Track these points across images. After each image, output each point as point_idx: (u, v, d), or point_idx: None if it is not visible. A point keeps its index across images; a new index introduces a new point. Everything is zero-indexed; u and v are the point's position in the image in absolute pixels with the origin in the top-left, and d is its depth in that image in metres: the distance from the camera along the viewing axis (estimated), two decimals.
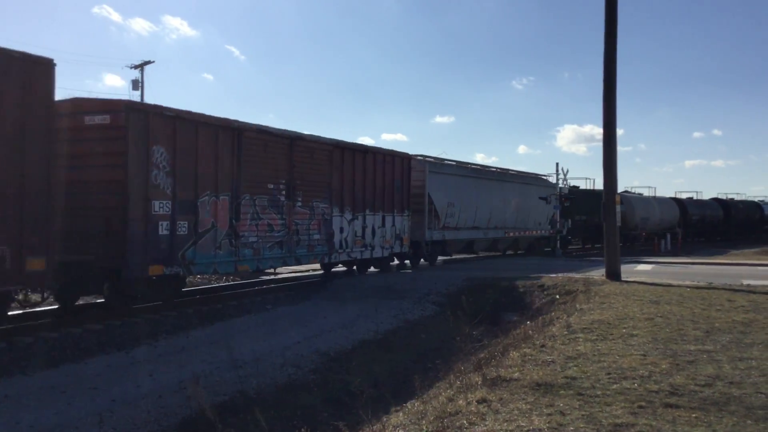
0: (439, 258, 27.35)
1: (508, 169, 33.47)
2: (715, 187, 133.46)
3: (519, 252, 34.41)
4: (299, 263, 18.66)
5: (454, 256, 29.49)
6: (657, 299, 13.78)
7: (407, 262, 24.99)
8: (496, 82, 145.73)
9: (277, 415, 8.62)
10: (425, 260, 25.64)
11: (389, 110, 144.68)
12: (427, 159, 25.71)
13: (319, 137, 18.78)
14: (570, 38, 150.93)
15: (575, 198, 36.15)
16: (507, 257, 32.43)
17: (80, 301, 14.22)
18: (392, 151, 22.83)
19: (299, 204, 17.80)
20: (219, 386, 9.79)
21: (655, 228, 44.59)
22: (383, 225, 21.94)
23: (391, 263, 23.55)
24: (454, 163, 28.41)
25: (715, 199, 60.63)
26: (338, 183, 19.45)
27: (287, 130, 17.48)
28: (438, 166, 26.54)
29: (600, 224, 30.45)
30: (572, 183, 39.30)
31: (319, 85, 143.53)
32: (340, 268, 22.44)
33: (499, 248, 32.27)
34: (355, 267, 22.19)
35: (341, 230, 19.66)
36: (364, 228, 20.85)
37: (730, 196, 65.69)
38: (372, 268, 22.73)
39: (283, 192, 17.19)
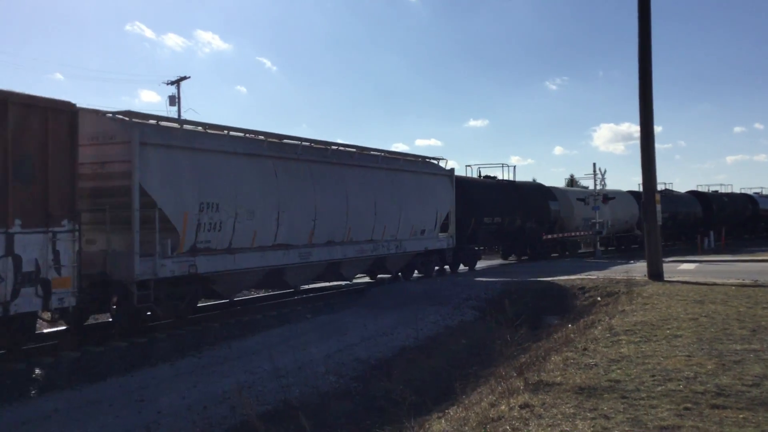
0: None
1: (354, 147, 20.29)
2: (759, 182, 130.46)
3: (386, 276, 22.67)
4: None
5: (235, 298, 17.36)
6: (701, 298, 13.54)
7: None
8: (529, 83, 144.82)
9: (320, 423, 8.67)
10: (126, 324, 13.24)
11: (422, 116, 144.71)
12: (144, 122, 13.96)
13: None
14: (603, 35, 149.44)
15: (490, 194, 27.89)
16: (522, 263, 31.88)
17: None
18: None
19: None
20: (262, 396, 9.89)
21: (609, 229, 36.48)
22: None
23: None
24: (222, 133, 15.44)
25: (693, 193, 50.05)
26: None
27: None
28: (170, 134, 14.05)
29: (517, 229, 28.68)
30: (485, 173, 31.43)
31: (350, 93, 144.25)
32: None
33: (344, 274, 19.33)
34: None
35: None
36: None
37: None
38: None
39: None
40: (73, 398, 9.69)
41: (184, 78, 45.59)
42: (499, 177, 30.89)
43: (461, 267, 26.02)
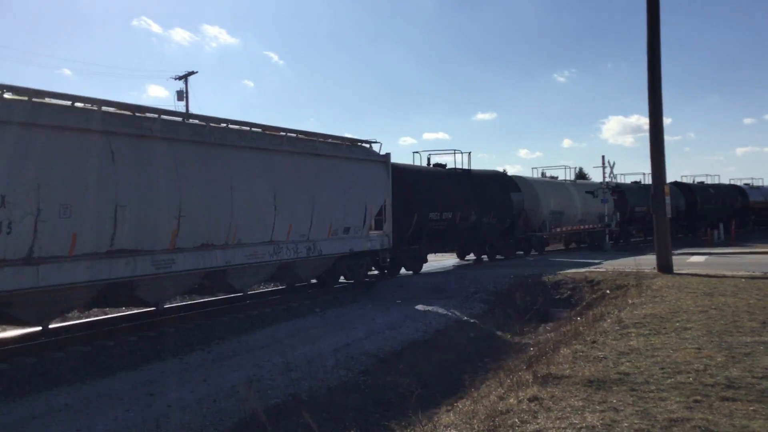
0: None
1: (250, 124, 15.68)
2: None
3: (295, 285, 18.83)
4: None
5: None
6: (711, 291, 13.49)
7: None
8: (537, 75, 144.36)
9: (329, 417, 8.70)
10: None
11: (430, 109, 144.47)
12: None
13: None
14: (611, 27, 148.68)
15: (437, 185, 24.06)
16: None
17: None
18: None
19: None
20: (271, 389, 9.93)
21: (577, 225, 33.38)
22: None
23: None
24: (11, 97, 10.68)
25: (676, 184, 44.72)
26: None
27: None
28: None
29: (472, 225, 24.49)
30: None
31: (358, 87, 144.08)
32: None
33: (235, 285, 15.17)
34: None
35: None
36: None
37: None
38: None
39: None
40: (84, 392, 9.74)
41: (192, 73, 45.72)
42: (452, 165, 26.27)
43: (403, 271, 22.68)
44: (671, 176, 47.00)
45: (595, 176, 43.04)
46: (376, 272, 21.35)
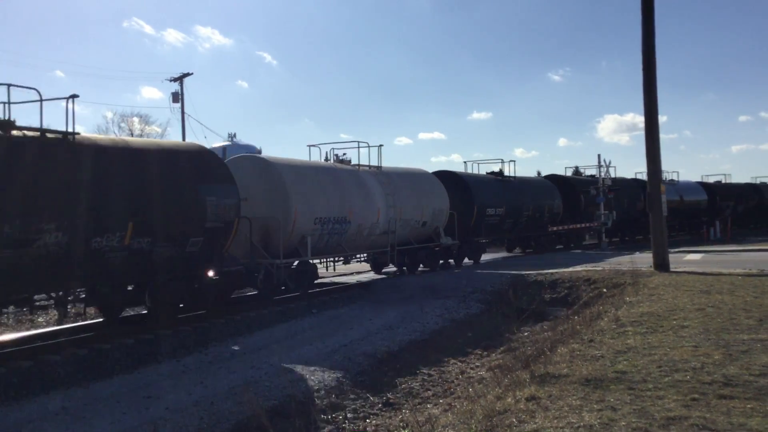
0: None
1: None
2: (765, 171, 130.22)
3: None
4: None
5: None
6: (707, 289, 13.51)
7: None
8: (532, 75, 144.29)
9: (327, 419, 8.69)
10: None
11: (425, 109, 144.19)
12: None
13: None
14: (606, 25, 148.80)
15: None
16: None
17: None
18: None
19: None
20: (269, 391, 9.91)
21: (406, 235, 22.17)
22: None
23: None
24: None
25: (552, 177, 35.36)
26: None
27: None
28: None
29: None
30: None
31: (353, 87, 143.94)
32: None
33: None
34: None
35: None
36: None
37: None
38: None
39: None
40: (80, 396, 9.72)
41: (187, 74, 45.32)
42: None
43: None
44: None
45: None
46: None
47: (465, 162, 49.33)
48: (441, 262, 24.44)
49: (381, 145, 22.02)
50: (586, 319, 11.71)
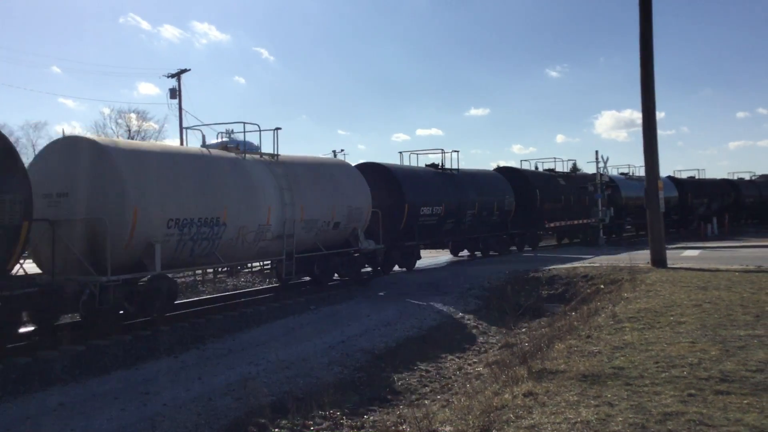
0: None
1: None
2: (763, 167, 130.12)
3: None
4: None
5: None
6: (704, 285, 13.53)
7: None
8: (529, 71, 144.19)
9: (325, 415, 8.69)
10: None
11: (423, 105, 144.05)
12: None
13: None
14: (604, 21, 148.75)
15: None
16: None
17: None
18: None
19: None
20: (267, 387, 9.91)
21: (312, 239, 18.38)
22: None
23: None
24: None
25: (504, 169, 31.99)
26: None
27: None
28: None
29: None
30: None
31: (350, 83, 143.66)
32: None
33: None
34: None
35: None
36: None
37: None
38: None
39: None
40: (79, 392, 9.71)
41: (184, 70, 45.32)
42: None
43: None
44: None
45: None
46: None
47: (401, 152, 44.97)
48: (369, 270, 21.11)
49: (278, 128, 17.64)
50: (584, 315, 11.73)
